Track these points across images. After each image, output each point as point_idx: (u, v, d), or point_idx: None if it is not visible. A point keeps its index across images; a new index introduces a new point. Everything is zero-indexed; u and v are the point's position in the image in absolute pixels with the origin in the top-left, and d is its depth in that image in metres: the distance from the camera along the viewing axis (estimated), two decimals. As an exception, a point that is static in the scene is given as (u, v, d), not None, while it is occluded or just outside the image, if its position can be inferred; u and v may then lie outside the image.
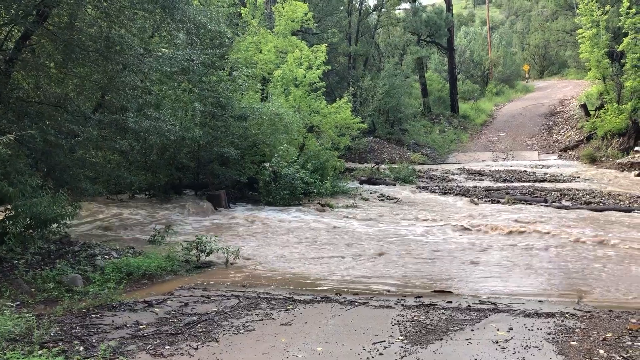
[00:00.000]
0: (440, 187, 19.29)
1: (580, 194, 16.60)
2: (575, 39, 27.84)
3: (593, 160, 23.21)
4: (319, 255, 10.39)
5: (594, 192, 16.75)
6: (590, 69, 25.41)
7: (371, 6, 35.44)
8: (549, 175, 20.96)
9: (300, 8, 20.94)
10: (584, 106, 28.27)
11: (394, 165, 22.89)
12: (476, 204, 15.99)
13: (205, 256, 9.49)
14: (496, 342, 5.34)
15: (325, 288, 7.93)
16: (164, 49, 12.51)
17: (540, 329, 5.73)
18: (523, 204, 15.75)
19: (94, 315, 6.39)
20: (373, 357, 5.03)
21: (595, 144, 24.46)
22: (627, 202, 15.20)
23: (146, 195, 15.63)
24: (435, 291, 7.70)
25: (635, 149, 21.78)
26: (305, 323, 6.07)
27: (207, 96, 14.70)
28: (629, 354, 4.94)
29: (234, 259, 9.57)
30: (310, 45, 21.02)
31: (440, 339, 5.47)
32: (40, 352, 4.90)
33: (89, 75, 10.55)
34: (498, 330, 5.74)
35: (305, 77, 19.30)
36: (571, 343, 5.29)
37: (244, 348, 5.31)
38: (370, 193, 18.20)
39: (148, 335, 5.68)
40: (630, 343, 5.25)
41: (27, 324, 5.61)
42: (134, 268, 8.39)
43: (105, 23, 9.92)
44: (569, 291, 7.79)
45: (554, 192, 17.23)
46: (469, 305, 6.73)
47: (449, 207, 15.52)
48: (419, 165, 24.61)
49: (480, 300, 7.03)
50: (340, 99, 21.01)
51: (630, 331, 5.61)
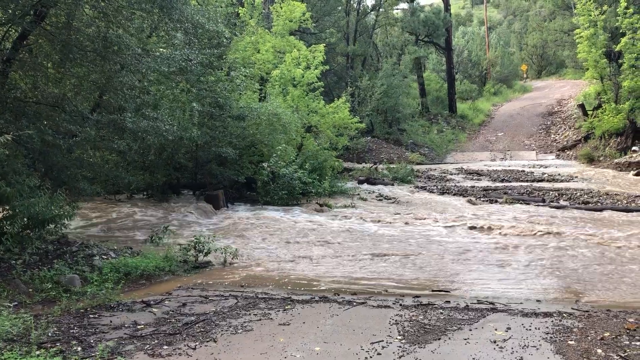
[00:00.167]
0: (438, 187, 19.32)
1: (578, 194, 16.64)
2: (573, 39, 27.89)
3: (591, 160, 23.25)
4: (318, 254, 10.39)
5: (591, 192, 16.79)
6: (587, 69, 25.41)
7: (369, 6, 35.53)
8: (546, 175, 20.99)
9: (298, 8, 20.96)
10: (581, 106, 28.32)
11: (392, 165, 22.91)
12: (474, 204, 16.02)
13: (204, 256, 9.49)
14: (494, 342, 5.35)
15: (323, 288, 7.93)
16: (161, 49, 12.49)
17: (538, 329, 5.74)
18: (521, 203, 15.78)
19: (91, 316, 6.38)
20: (371, 357, 5.03)
21: (593, 143, 24.50)
22: (625, 202, 15.24)
23: (144, 195, 15.61)
24: (433, 291, 7.71)
25: (633, 148, 21.83)
26: (304, 323, 6.07)
27: (205, 96, 14.68)
28: (626, 353, 4.95)
29: (232, 259, 9.58)
30: (308, 45, 21.04)
31: (439, 339, 5.48)
32: (37, 353, 4.88)
33: (87, 75, 10.54)
34: (496, 329, 5.75)
35: (303, 77, 19.30)
36: (569, 342, 5.30)
37: (242, 348, 5.30)
38: (369, 193, 18.22)
39: (146, 335, 5.67)
40: (627, 342, 5.26)
41: (25, 324, 5.59)
42: (132, 268, 8.39)
43: (102, 23, 9.91)
44: (566, 291, 7.80)
45: (551, 192, 17.26)
46: (467, 305, 6.75)
47: (447, 207, 15.54)
48: (417, 165, 24.64)
49: (478, 300, 7.04)
50: (338, 99, 21.03)
51: (627, 330, 5.62)
